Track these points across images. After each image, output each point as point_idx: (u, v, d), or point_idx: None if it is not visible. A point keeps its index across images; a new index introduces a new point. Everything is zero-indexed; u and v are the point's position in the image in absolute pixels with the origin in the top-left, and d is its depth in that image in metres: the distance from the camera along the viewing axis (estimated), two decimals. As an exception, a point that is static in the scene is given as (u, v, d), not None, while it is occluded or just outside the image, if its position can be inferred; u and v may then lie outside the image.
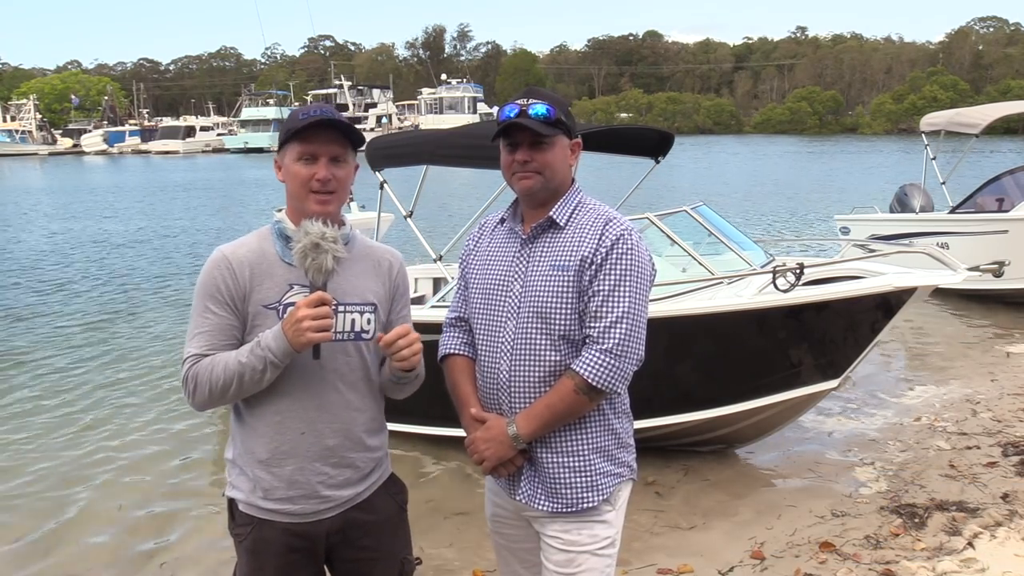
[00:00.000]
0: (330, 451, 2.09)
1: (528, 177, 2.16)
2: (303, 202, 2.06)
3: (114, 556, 4.41)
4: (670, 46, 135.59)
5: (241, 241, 2.13)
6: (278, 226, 2.12)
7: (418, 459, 5.49)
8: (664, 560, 4.06)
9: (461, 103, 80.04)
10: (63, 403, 6.93)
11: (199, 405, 2.05)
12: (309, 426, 2.07)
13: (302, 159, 2.04)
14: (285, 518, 2.09)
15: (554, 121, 2.13)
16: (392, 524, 2.25)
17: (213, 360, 2.00)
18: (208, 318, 2.04)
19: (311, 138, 2.03)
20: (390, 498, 2.26)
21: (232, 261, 2.05)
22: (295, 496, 2.08)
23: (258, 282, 2.05)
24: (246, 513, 2.11)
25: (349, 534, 2.16)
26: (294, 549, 2.10)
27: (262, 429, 2.07)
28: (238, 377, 1.97)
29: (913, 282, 4.62)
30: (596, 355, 2.08)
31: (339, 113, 2.12)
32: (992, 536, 4.00)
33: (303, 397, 2.06)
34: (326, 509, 2.11)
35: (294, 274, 2.05)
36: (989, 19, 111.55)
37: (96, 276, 13.04)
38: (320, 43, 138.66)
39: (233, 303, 2.04)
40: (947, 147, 13.06)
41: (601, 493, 2.17)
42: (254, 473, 2.08)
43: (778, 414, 5.08)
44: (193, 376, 2.01)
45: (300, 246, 1.97)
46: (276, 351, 1.95)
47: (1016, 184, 9.92)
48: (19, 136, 67.79)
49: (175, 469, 5.60)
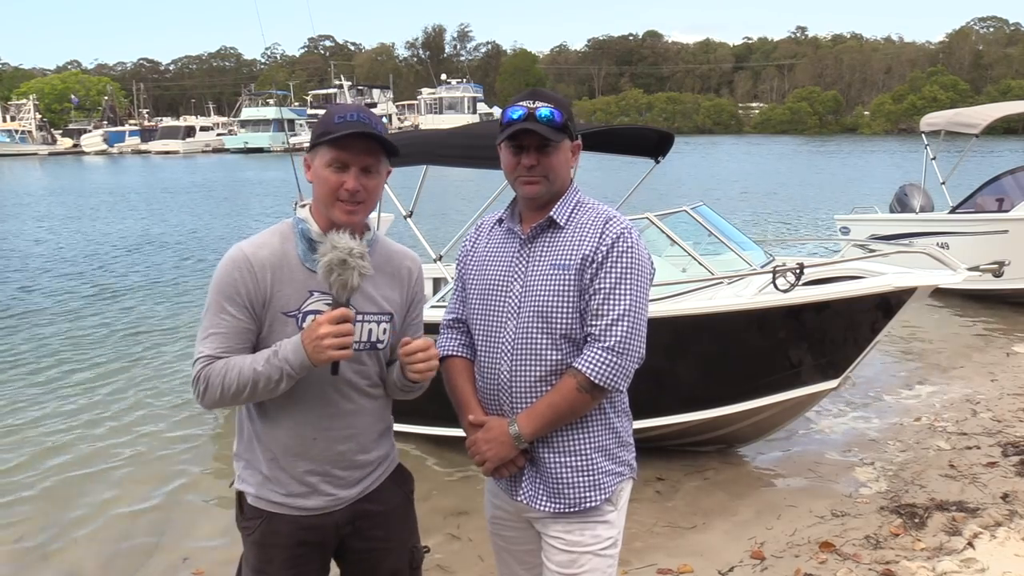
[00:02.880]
0: (340, 455, 2.10)
1: (534, 182, 2.15)
2: (330, 209, 2.00)
3: (116, 553, 4.43)
4: (670, 46, 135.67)
5: (262, 240, 2.04)
6: (302, 226, 2.05)
7: (418, 459, 5.49)
8: (664, 560, 4.06)
9: (461, 103, 80.00)
10: (64, 399, 6.93)
11: (209, 405, 2.02)
12: (321, 433, 2.07)
13: (332, 165, 1.98)
14: (295, 511, 2.09)
15: (560, 125, 2.12)
16: (400, 514, 2.26)
17: (227, 364, 1.96)
18: (224, 319, 1.98)
19: (345, 146, 1.96)
20: (397, 488, 2.27)
21: (253, 263, 1.98)
22: (305, 492, 2.09)
23: (278, 287, 2.00)
24: (255, 507, 2.11)
25: (359, 525, 2.17)
26: (303, 542, 2.10)
27: (274, 431, 2.07)
28: (252, 384, 1.94)
29: (913, 282, 4.62)
30: (598, 353, 2.08)
31: (377, 118, 2.04)
32: (992, 536, 4.00)
33: (316, 405, 2.05)
34: (335, 504, 2.12)
35: (315, 280, 1.98)
36: (989, 19, 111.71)
37: (99, 274, 13.04)
38: (320, 43, 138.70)
39: (251, 306, 1.99)
40: (947, 147, 13.06)
41: (604, 492, 2.17)
42: (264, 469, 2.09)
43: (778, 414, 5.08)
44: (205, 377, 1.97)
45: (326, 260, 1.89)
46: (294, 364, 1.92)
47: (1016, 184, 9.93)
48: (19, 136, 67.72)
49: (178, 464, 5.62)
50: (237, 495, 2.17)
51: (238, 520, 2.18)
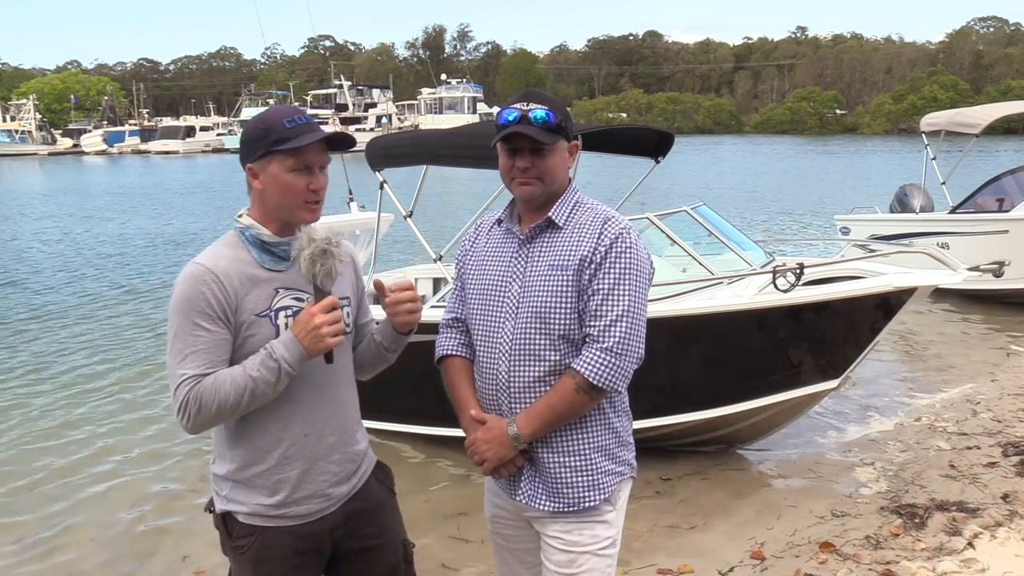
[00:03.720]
0: (331, 448, 2.11)
1: (529, 184, 2.16)
2: (294, 212, 2.02)
3: (117, 553, 4.43)
4: (670, 46, 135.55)
5: (215, 252, 2.03)
6: (251, 232, 2.04)
7: (418, 459, 5.49)
8: (664, 560, 4.06)
9: (461, 103, 79.92)
10: (61, 402, 6.93)
11: (198, 428, 1.96)
12: (311, 427, 2.07)
13: (296, 170, 1.99)
14: (293, 521, 2.08)
15: (555, 126, 2.12)
16: (388, 508, 2.29)
17: (216, 379, 1.92)
18: (200, 336, 1.93)
19: (305, 149, 1.99)
20: (380, 484, 2.29)
21: (218, 273, 1.96)
22: (301, 497, 2.08)
23: (245, 291, 1.99)
24: (248, 524, 2.08)
25: (351, 525, 2.17)
26: (300, 552, 2.09)
27: (264, 438, 2.05)
28: (249, 392, 1.92)
29: (913, 282, 4.62)
30: (597, 354, 2.08)
31: (312, 118, 2.09)
32: (992, 536, 4.00)
33: (304, 399, 2.06)
34: (329, 505, 2.12)
35: (278, 279, 2.03)
36: (989, 19, 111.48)
37: (98, 278, 13.05)
38: (320, 43, 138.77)
39: (225, 316, 1.96)
40: (947, 147, 13.05)
41: (602, 492, 2.17)
42: (258, 482, 2.06)
43: (778, 414, 5.07)
44: (196, 398, 1.91)
45: (308, 252, 1.97)
46: (291, 360, 1.94)
47: (1016, 184, 9.92)
48: (19, 136, 67.74)
49: (179, 464, 5.63)
50: (221, 518, 2.13)
51: (226, 543, 2.14)
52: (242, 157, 2.06)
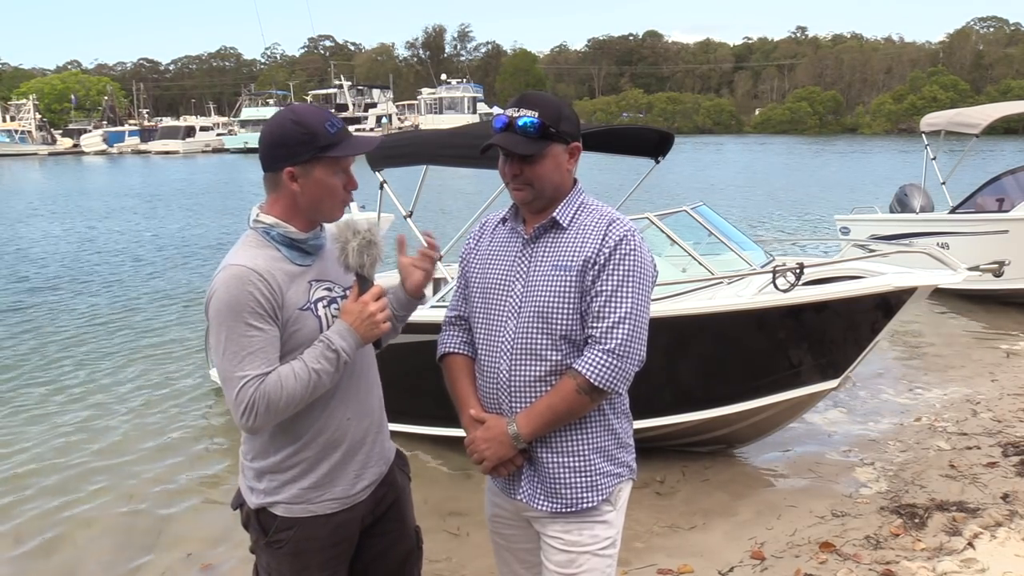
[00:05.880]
0: (366, 432, 2.19)
1: (520, 189, 2.18)
2: (331, 211, 2.10)
3: (120, 549, 4.45)
4: (670, 46, 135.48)
5: (248, 253, 2.04)
6: (276, 231, 2.06)
7: (418, 459, 5.49)
8: (664, 560, 4.06)
9: (461, 103, 79.92)
10: (64, 402, 6.93)
11: (263, 426, 1.99)
12: (353, 410, 2.15)
13: (339, 174, 2.06)
14: (330, 507, 2.12)
15: (541, 133, 2.11)
16: (407, 496, 2.38)
17: (279, 375, 1.95)
18: (254, 336, 1.95)
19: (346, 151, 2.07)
20: (401, 471, 2.37)
21: (262, 273, 1.98)
22: (340, 479, 2.14)
23: (287, 288, 2.03)
24: (287, 518, 2.10)
25: (377, 513, 2.25)
26: (335, 543, 2.15)
27: (312, 426, 2.09)
28: (313, 384, 1.99)
29: (913, 282, 4.62)
30: (598, 355, 2.08)
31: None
32: (992, 536, 4.00)
33: (344, 385, 2.12)
34: (362, 491, 2.19)
35: (310, 273, 2.10)
36: (989, 19, 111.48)
37: (105, 278, 13.05)
38: (320, 43, 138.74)
39: (275, 313, 1.99)
40: (947, 147, 13.06)
41: (601, 493, 2.17)
42: (302, 468, 2.09)
43: (778, 414, 5.07)
44: (263, 396, 1.93)
45: (355, 244, 2.07)
46: (349, 349, 2.03)
47: (1016, 184, 9.92)
48: (19, 136, 67.69)
49: (180, 463, 5.64)
50: (255, 514, 2.13)
51: (258, 540, 2.14)
52: (276, 160, 2.03)
